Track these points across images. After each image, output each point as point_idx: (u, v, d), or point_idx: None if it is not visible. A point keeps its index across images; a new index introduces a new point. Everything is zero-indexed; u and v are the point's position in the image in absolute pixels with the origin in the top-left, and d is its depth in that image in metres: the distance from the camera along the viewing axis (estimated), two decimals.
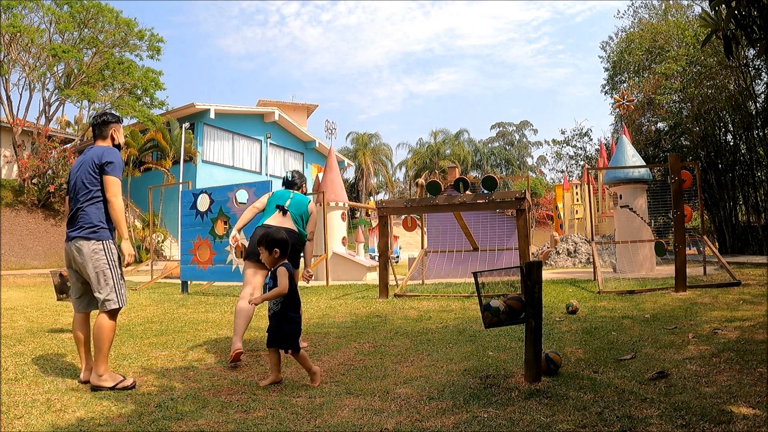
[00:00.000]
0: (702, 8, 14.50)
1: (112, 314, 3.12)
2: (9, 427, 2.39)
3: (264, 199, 4.31)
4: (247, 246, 4.07)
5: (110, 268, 3.10)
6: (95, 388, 2.96)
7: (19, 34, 18.03)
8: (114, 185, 3.16)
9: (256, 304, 3.34)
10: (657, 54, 19.45)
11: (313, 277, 4.14)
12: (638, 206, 10.36)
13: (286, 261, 3.25)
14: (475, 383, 2.94)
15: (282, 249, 3.24)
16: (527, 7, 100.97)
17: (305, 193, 4.52)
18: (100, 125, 3.30)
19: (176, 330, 5.12)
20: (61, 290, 5.20)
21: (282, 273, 3.12)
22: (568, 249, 15.73)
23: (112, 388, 2.94)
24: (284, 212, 4.09)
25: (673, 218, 7.09)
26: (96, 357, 3.05)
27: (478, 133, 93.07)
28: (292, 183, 4.44)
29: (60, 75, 20.56)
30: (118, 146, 3.35)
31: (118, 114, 3.45)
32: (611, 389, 2.69)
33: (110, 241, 3.16)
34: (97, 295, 3.09)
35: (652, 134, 19.98)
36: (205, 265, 9.14)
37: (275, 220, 4.05)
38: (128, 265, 3.17)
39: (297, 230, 4.06)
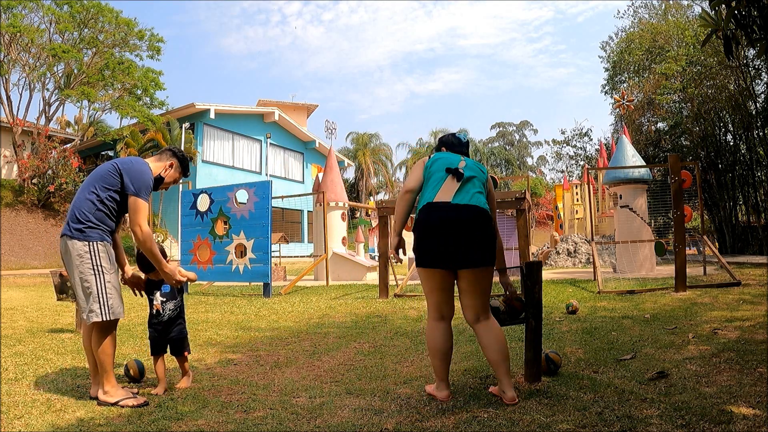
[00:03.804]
0: (702, 8, 14.50)
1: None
2: (9, 427, 2.39)
3: (417, 173, 2.83)
4: (414, 249, 2.71)
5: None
6: (101, 404, 2.71)
7: (19, 34, 18.04)
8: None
9: (184, 280, 3.02)
10: (657, 54, 19.45)
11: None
12: (638, 206, 10.36)
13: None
14: (475, 383, 2.94)
15: (164, 254, 3.12)
16: (529, 6, 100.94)
17: None
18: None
19: None
20: (61, 290, 5.20)
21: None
22: (568, 249, 15.73)
23: (115, 404, 2.68)
24: (459, 177, 2.73)
25: (673, 218, 7.09)
26: (99, 372, 2.79)
27: (478, 133, 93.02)
28: (464, 144, 3.01)
29: (60, 75, 20.56)
30: (159, 178, 3.08)
31: (182, 154, 3.20)
32: (611, 389, 2.69)
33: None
34: None
35: (652, 134, 19.98)
36: (205, 265, 9.13)
37: (446, 191, 2.70)
38: None
39: (481, 206, 2.68)
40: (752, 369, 2.95)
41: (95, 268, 2.72)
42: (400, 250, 2.88)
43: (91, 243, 2.73)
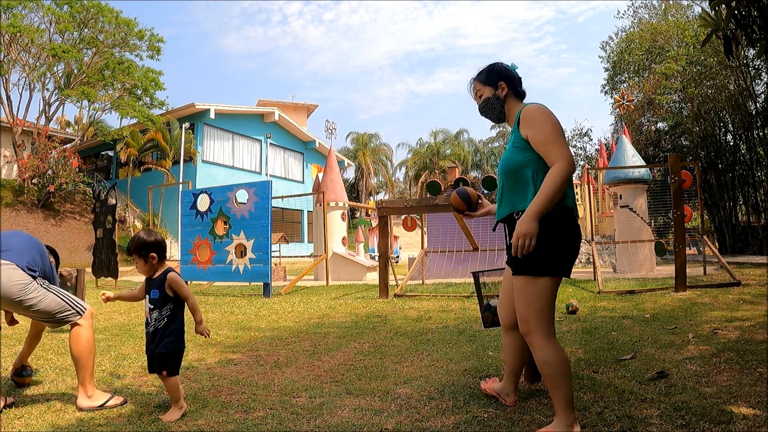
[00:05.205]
0: (702, 8, 14.49)
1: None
2: (9, 427, 2.39)
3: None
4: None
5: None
6: (83, 410, 2.62)
7: (19, 34, 18.04)
8: None
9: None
10: (657, 54, 19.47)
11: None
12: (638, 206, 10.36)
13: (169, 267, 2.69)
14: (475, 383, 2.94)
15: (159, 252, 2.64)
16: (530, 6, 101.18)
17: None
18: None
19: None
20: None
21: (177, 279, 2.61)
22: None
23: (101, 407, 2.63)
24: None
25: (673, 218, 7.09)
26: (80, 375, 2.70)
27: (478, 133, 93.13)
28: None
29: (60, 75, 20.57)
30: None
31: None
32: (611, 389, 2.69)
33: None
34: None
35: (652, 134, 20.00)
36: (205, 265, 9.14)
37: None
38: None
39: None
40: (752, 369, 2.95)
41: (43, 285, 2.78)
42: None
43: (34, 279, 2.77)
